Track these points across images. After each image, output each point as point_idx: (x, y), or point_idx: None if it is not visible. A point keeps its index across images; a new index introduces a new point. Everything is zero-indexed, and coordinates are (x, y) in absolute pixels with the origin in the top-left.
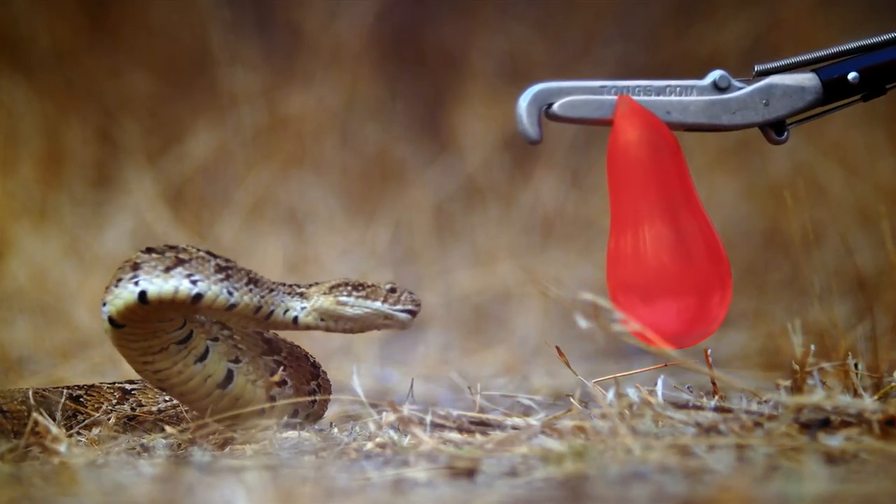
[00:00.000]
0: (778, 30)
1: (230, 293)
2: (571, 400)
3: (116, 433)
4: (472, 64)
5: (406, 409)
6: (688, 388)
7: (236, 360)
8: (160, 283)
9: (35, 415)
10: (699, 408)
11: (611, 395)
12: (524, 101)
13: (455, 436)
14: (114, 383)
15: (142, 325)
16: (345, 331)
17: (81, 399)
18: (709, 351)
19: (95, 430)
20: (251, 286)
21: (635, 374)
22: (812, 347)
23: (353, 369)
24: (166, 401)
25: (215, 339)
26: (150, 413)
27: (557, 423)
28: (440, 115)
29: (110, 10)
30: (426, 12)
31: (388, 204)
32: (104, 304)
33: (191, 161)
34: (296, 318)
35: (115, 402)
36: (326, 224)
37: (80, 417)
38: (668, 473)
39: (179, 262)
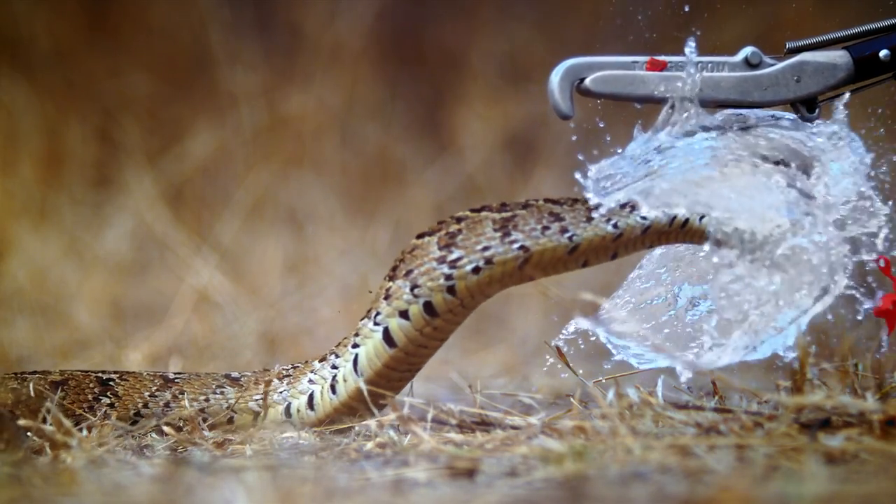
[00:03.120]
0: (778, 30)
1: (644, 218)
2: (571, 400)
3: (119, 432)
4: (472, 64)
5: (406, 408)
6: (688, 388)
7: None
8: (591, 231)
9: (49, 405)
10: (699, 408)
11: (611, 395)
12: (556, 76)
13: (455, 435)
14: (156, 372)
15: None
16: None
17: (112, 382)
18: None
19: (94, 431)
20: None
21: (635, 374)
22: (812, 347)
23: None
24: (212, 391)
25: None
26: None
27: (557, 423)
28: (440, 115)
29: (110, 10)
30: (426, 12)
31: (388, 204)
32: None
33: (191, 161)
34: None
35: (154, 389)
36: (326, 224)
37: (100, 405)
38: (668, 473)
39: (590, 210)
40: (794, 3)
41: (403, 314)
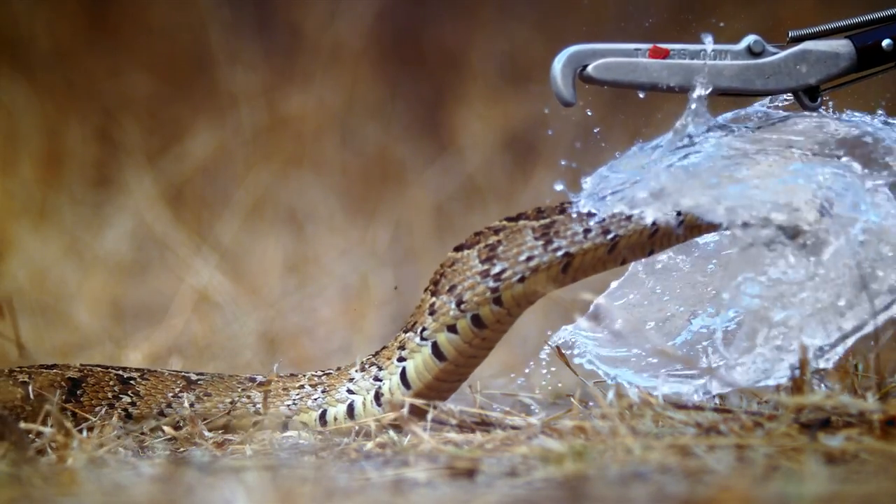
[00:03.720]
0: (778, 30)
1: (678, 213)
2: (571, 400)
3: (120, 432)
4: (472, 64)
5: (406, 408)
6: None
7: None
8: (632, 228)
9: (49, 407)
10: (699, 408)
11: (611, 395)
12: (558, 63)
13: (455, 435)
14: (178, 371)
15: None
16: None
17: (133, 381)
18: None
19: (95, 430)
20: None
21: None
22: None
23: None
24: (238, 394)
25: None
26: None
27: (557, 423)
28: (440, 115)
29: (110, 10)
30: (426, 12)
31: (388, 204)
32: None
33: (191, 161)
34: None
35: (178, 390)
36: (326, 224)
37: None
38: (668, 473)
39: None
40: (794, 4)
41: (451, 328)
